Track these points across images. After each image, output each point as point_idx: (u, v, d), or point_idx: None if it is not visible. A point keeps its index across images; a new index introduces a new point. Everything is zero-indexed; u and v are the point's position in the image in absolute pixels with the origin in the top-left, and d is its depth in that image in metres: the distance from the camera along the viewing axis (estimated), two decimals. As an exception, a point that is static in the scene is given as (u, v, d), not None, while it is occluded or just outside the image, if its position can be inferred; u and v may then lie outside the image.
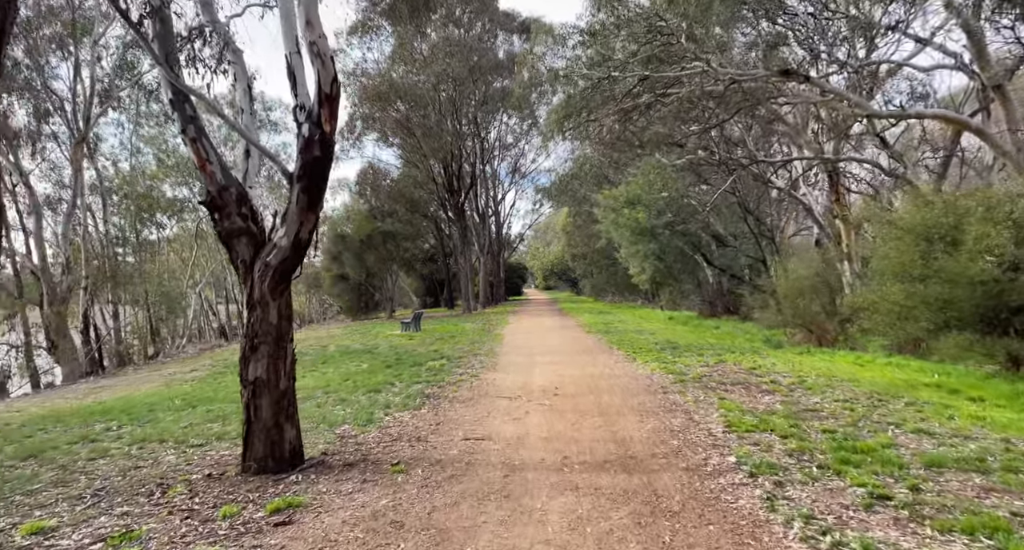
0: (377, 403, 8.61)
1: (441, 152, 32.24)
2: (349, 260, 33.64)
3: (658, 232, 19.02)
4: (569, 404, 7.92)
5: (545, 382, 9.79)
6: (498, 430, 6.66)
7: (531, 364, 12.01)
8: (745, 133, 19.55)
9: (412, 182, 35.38)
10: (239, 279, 5.73)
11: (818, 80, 12.69)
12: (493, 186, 50.07)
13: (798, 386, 8.13)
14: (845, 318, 11.74)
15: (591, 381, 9.62)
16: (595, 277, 46.92)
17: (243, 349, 5.54)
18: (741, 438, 5.66)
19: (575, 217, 42.80)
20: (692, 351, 12.43)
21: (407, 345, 16.79)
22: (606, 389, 8.84)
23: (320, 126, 5.40)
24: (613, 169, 26.00)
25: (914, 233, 9.16)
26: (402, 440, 6.44)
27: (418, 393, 9.25)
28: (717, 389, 8.28)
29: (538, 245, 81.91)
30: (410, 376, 10.96)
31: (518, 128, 44.67)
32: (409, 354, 14.38)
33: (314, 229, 5.61)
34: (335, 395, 9.43)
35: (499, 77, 35.95)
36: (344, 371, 12.04)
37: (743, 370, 9.78)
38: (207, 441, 6.84)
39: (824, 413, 6.50)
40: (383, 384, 10.21)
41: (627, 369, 10.75)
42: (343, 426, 7.27)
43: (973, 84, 18.12)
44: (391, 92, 31.91)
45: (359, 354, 15.03)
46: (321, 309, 47.04)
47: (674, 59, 14.16)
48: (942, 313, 8.58)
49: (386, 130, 34.90)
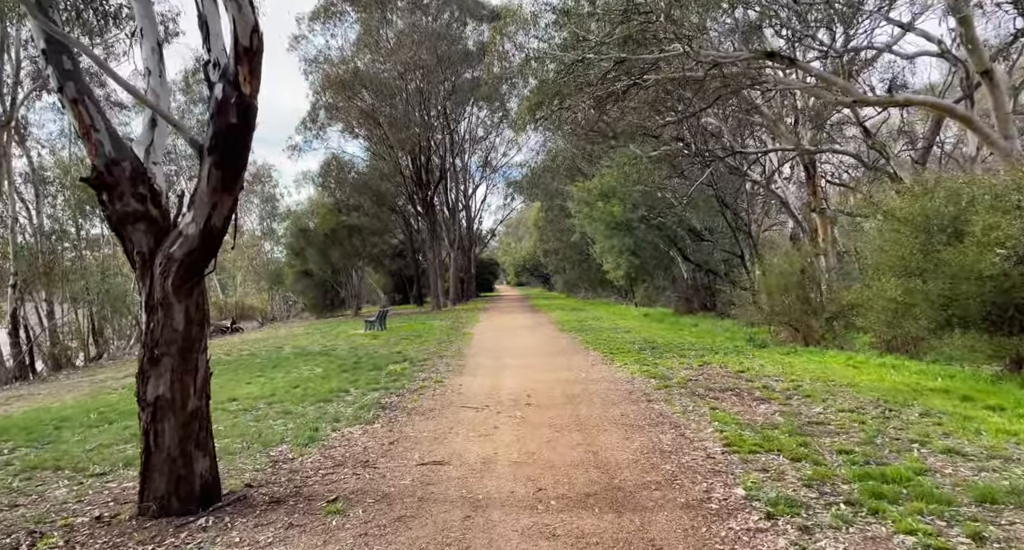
0: (325, 415, 7.59)
1: (409, 143, 31.04)
2: (313, 255, 32.23)
3: (633, 226, 18.25)
4: (543, 416, 7.01)
5: (516, 388, 8.87)
6: (461, 451, 5.71)
7: (501, 367, 11.08)
8: (723, 124, 18.89)
9: (379, 174, 34.07)
10: (136, 276, 4.65)
11: (803, 63, 12.02)
12: (464, 180, 48.95)
13: (794, 393, 7.35)
14: (832, 315, 11.08)
15: (567, 387, 8.73)
16: (567, 273, 46.20)
17: (140, 362, 4.48)
18: (745, 461, 4.81)
19: (547, 212, 41.96)
20: (673, 351, 11.65)
21: (369, 346, 15.71)
22: (584, 397, 7.96)
23: (237, 86, 4.35)
24: (586, 161, 25.18)
25: (912, 224, 8.48)
26: (346, 465, 5.44)
27: (373, 403, 8.25)
28: (706, 396, 7.46)
29: (510, 240, 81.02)
30: (367, 382, 9.94)
31: (489, 121, 43.63)
32: (370, 356, 13.32)
33: (231, 214, 4.56)
34: (279, 406, 8.37)
35: (469, 68, 34.84)
36: (295, 377, 10.94)
37: (731, 373, 9.00)
38: (112, 468, 5.74)
39: (832, 427, 5.70)
40: (336, 392, 9.17)
41: (605, 372, 9.89)
42: (280, 446, 6.23)
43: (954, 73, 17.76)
44: (355, 81, 30.56)
45: (315, 356, 13.91)
46: (285, 307, 45.35)
47: (652, 41, 13.33)
48: (944, 310, 7.90)
49: (351, 121, 33.51)
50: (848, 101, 13.23)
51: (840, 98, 14.10)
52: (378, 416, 7.47)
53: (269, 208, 43.57)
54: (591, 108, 13.63)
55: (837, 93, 14.39)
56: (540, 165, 32.97)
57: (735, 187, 19.85)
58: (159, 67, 5.37)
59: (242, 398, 9.03)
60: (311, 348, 15.98)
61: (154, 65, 5.34)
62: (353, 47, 32.47)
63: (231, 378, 11.29)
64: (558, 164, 27.86)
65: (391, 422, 7.13)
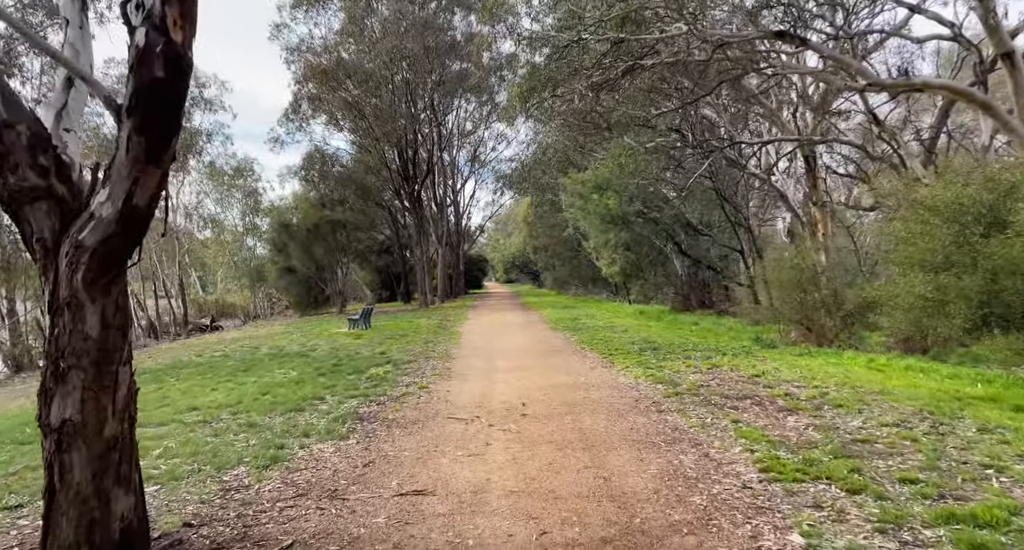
0: (294, 429, 6.70)
1: (395, 135, 30.01)
2: (295, 251, 31.15)
3: (630, 220, 17.45)
4: (541, 429, 6.16)
5: (510, 395, 8.01)
6: (448, 475, 4.85)
7: (492, 370, 10.22)
8: (722, 113, 18.13)
9: (364, 168, 32.99)
10: (38, 267, 3.72)
11: (816, 44, 11.24)
12: (452, 175, 47.97)
13: (823, 402, 6.56)
14: (848, 314, 10.33)
15: (566, 394, 7.89)
16: (558, 269, 45.43)
17: (43, 377, 3.57)
18: (791, 493, 3.99)
19: (537, 207, 41.12)
20: (676, 352, 10.84)
21: (351, 346, 14.78)
22: (586, 406, 7.12)
23: (165, 31, 3.43)
24: (579, 154, 24.34)
25: (944, 214, 7.71)
26: (310, 496, 4.56)
27: (350, 413, 7.36)
28: (723, 406, 6.65)
29: (499, 237, 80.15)
30: (345, 388, 9.04)
31: (477, 114, 42.69)
32: (351, 358, 12.40)
33: (158, 192, 3.65)
34: (244, 417, 7.46)
35: (457, 59, 33.84)
36: (267, 382, 10.00)
37: (744, 378, 8.21)
38: (32, 498, 4.82)
39: (880, 446, 4.90)
40: (310, 400, 8.28)
41: (606, 376, 9.07)
42: (236, 469, 5.34)
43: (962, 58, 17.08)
44: (339, 71, 29.47)
45: (292, 358, 12.97)
46: (268, 304, 44.17)
47: (652, 21, 12.50)
48: (982, 308, 7.14)
49: (335, 112, 32.38)
50: (861, 85, 12.47)
51: (850, 83, 13.35)
52: (354, 429, 6.59)
53: (251, 203, 42.34)
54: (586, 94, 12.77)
55: (846, 79, 13.65)
56: (531, 158, 32.09)
57: (734, 180, 19.11)
58: (80, 16, 4.44)
59: (204, 407, 8.10)
60: (289, 349, 15.03)
61: (73, 14, 4.41)
62: (337, 36, 31.35)
63: (197, 383, 10.33)
64: (549, 157, 26.99)
65: (368, 437, 6.25)
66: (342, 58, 30.34)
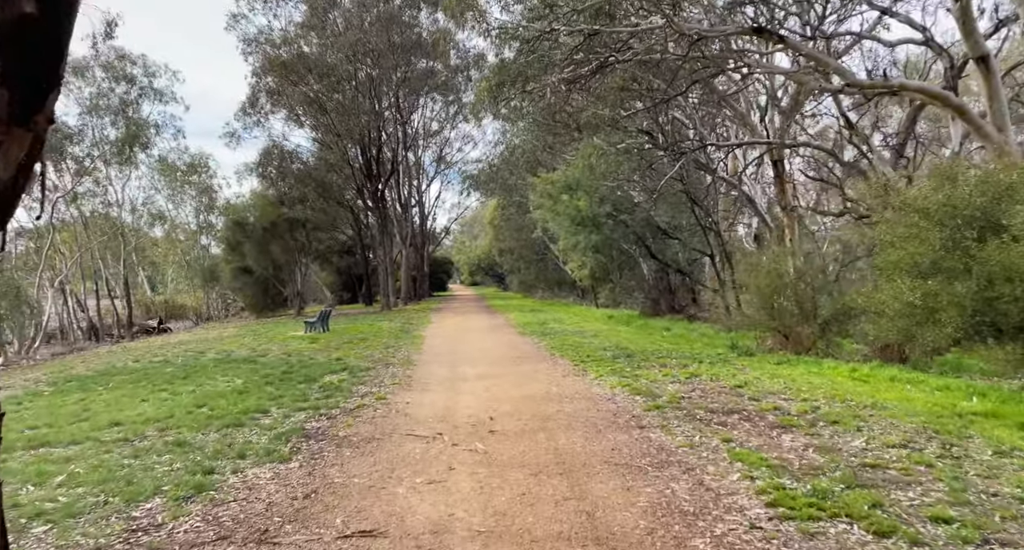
0: (230, 448, 5.88)
1: (357, 132, 28.96)
2: (251, 250, 29.75)
3: (601, 222, 16.95)
4: (512, 449, 5.48)
5: (476, 407, 7.31)
6: (403, 510, 4.13)
7: (457, 378, 9.50)
8: (693, 114, 17.81)
9: (325, 165, 31.80)
10: None
11: (793, 41, 10.91)
12: (417, 175, 46.99)
13: (817, 417, 6.05)
14: (826, 321, 9.96)
15: (537, 406, 7.23)
16: (523, 272, 44.88)
17: None
18: (808, 535, 3.40)
19: (504, 209, 40.50)
20: (651, 360, 10.30)
21: (306, 351, 13.85)
22: (560, 421, 6.47)
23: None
24: (548, 154, 23.80)
25: (934, 217, 7.34)
26: (234, 538, 3.79)
27: (296, 429, 6.56)
28: (710, 422, 6.08)
29: (464, 239, 79.31)
30: (294, 399, 8.20)
31: (443, 113, 41.85)
32: (303, 364, 11.51)
33: (30, 164, 2.84)
34: (173, 434, 6.57)
35: (423, 57, 32.94)
36: (206, 391, 9.07)
37: (727, 389, 7.68)
38: None
39: (893, 472, 4.37)
40: (252, 413, 7.42)
41: (579, 386, 8.44)
42: (151, 501, 4.52)
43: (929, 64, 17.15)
44: (300, 64, 28.31)
45: (239, 364, 11.99)
46: (223, 305, 42.38)
47: (627, 14, 12.00)
48: (975, 316, 6.77)
49: (295, 107, 31.15)
50: (837, 87, 12.20)
51: (825, 84, 13.11)
52: (298, 450, 5.80)
53: (206, 200, 40.57)
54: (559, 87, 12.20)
55: (820, 80, 13.41)
56: (499, 156, 31.42)
57: (705, 184, 18.83)
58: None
59: (128, 422, 7.17)
60: (237, 353, 14.00)
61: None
62: (298, 29, 30.17)
63: (127, 393, 9.32)
64: (518, 157, 26.39)
65: (313, 459, 5.47)
66: (303, 51, 29.21)
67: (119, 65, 27.98)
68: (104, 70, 27.75)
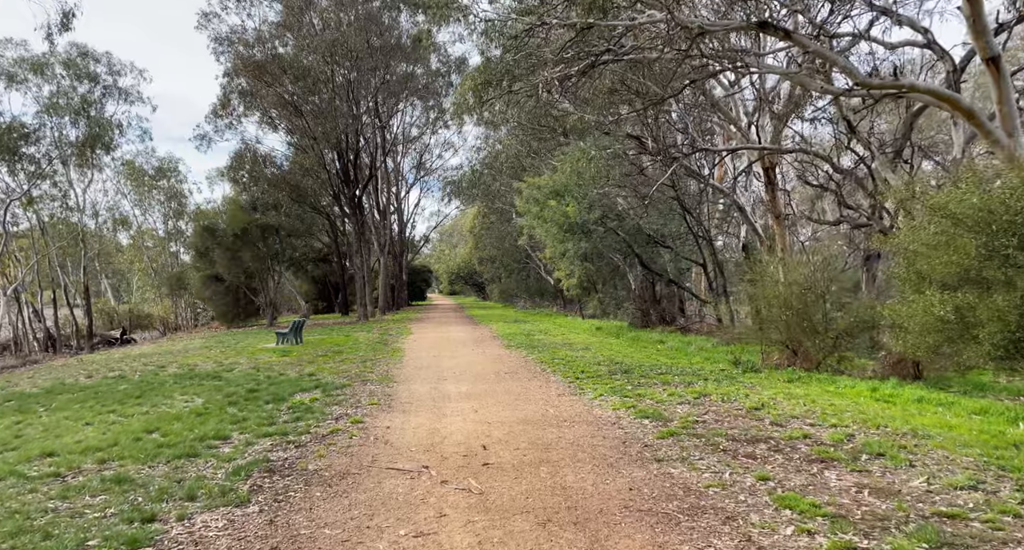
0: (178, 486, 5.00)
1: (334, 135, 27.96)
2: (221, 258, 28.46)
3: (590, 229, 16.23)
4: (512, 488, 4.67)
5: (466, 433, 6.48)
6: (385, 578, 3.29)
7: (441, 397, 8.65)
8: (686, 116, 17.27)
9: (301, 170, 30.69)
10: None
11: (800, 37, 10.37)
12: (396, 181, 46.05)
13: (858, 448, 5.34)
14: (837, 335, 9.33)
15: (535, 431, 6.42)
16: (504, 281, 44.13)
17: None
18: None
19: (485, 216, 39.73)
20: (651, 377, 9.56)
21: (276, 365, 12.86)
22: (563, 450, 5.67)
23: None
24: (533, 159, 23.11)
25: (968, 223, 6.73)
26: (165, 627, 2.91)
27: (259, 461, 5.67)
28: (736, 453, 5.34)
29: (444, 248, 78.33)
30: (259, 422, 7.28)
31: (423, 119, 41.04)
32: (272, 381, 10.55)
33: None
34: (115, 467, 5.65)
35: (403, 61, 32.11)
36: (161, 413, 8.08)
37: (743, 412, 6.96)
38: None
39: (978, 525, 3.65)
40: (211, 439, 6.51)
41: (578, 407, 7.66)
42: (69, 565, 3.61)
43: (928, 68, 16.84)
44: (275, 65, 27.27)
45: (202, 380, 10.97)
46: (192, 315, 40.77)
47: (623, 7, 11.37)
48: (1018, 332, 6.14)
49: (269, 110, 30.05)
50: (840, 90, 11.69)
51: (826, 86, 12.61)
52: (259, 488, 4.92)
53: (175, 206, 39.05)
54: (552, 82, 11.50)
55: (821, 81, 12.92)
56: (482, 160, 30.65)
57: (697, 191, 18.29)
58: None
59: (64, 452, 6.20)
60: (202, 368, 12.95)
61: None
62: (273, 28, 29.13)
63: (71, 414, 8.29)
64: (501, 162, 25.65)
65: (277, 502, 4.60)
66: (278, 52, 28.18)
67: (81, 63, 26.64)
68: (65, 67, 26.39)
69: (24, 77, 25.24)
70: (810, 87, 12.66)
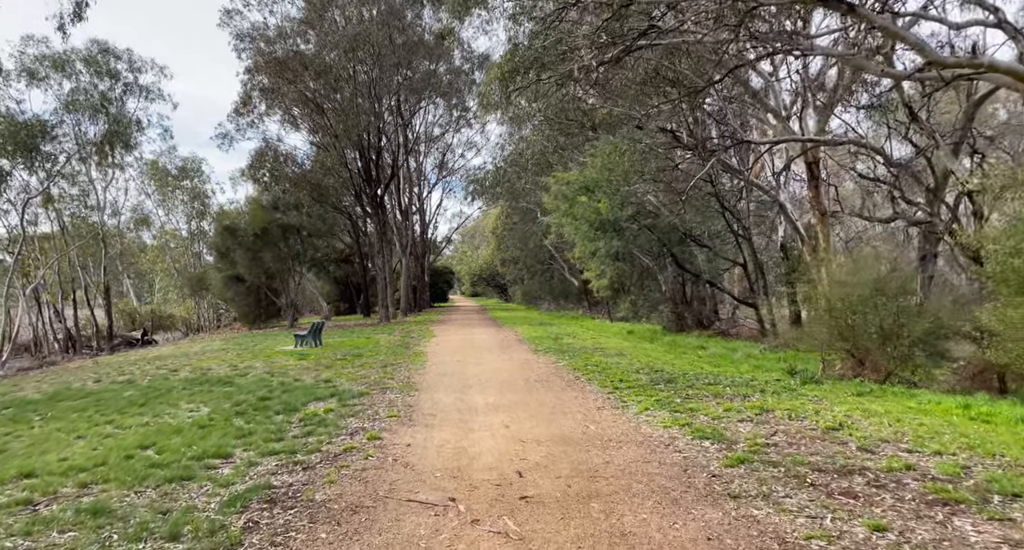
0: (163, 519, 4.25)
1: (355, 132, 27.38)
2: (241, 258, 28.04)
3: (623, 226, 15.27)
4: (559, 534, 3.80)
5: (497, 455, 5.63)
6: None
7: (468, 409, 7.81)
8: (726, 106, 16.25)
9: (322, 169, 30.19)
10: None
11: (865, 10, 9.35)
12: (418, 182, 45.46)
13: (979, 484, 4.37)
14: (912, 342, 8.28)
15: (577, 454, 5.54)
16: (527, 283, 43.23)
17: None
18: None
19: (508, 217, 38.89)
20: (700, 387, 8.60)
21: (292, 369, 12.16)
22: (614, 479, 4.79)
23: None
24: (559, 155, 22.19)
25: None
26: None
27: (260, 486, 4.89)
28: (830, 489, 4.40)
29: (466, 249, 77.73)
30: (266, 437, 6.51)
31: (446, 118, 40.40)
32: (286, 387, 9.81)
33: None
34: (96, 492, 4.93)
35: (425, 58, 31.47)
36: (161, 424, 7.37)
37: (819, 432, 5.99)
38: None
39: None
40: (210, 458, 5.77)
41: (623, 424, 6.75)
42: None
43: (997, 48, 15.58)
44: (296, 61, 26.80)
45: (212, 387, 10.29)
46: (215, 316, 40.60)
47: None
48: None
49: (291, 108, 29.61)
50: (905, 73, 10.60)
51: (888, 69, 11.51)
52: (255, 526, 4.13)
53: (198, 206, 38.91)
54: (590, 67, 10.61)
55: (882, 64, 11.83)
56: (506, 158, 29.81)
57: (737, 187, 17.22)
58: None
59: (44, 473, 5.49)
60: (215, 372, 12.30)
61: None
62: (295, 25, 28.71)
63: (64, 426, 7.63)
64: (526, 159, 24.78)
65: (274, 546, 3.79)
66: (300, 48, 27.74)
67: (102, 59, 26.43)
68: (86, 64, 26.19)
69: (45, 74, 25.10)
70: (869, 70, 11.59)
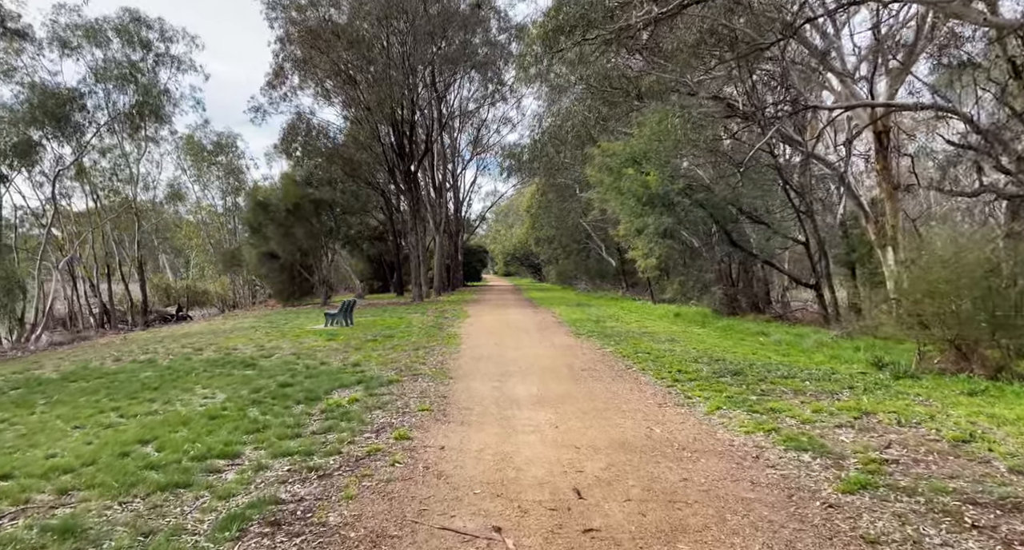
0: (141, 547, 3.40)
1: (388, 105, 26.45)
2: (274, 234, 27.61)
3: (674, 201, 14.00)
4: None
5: (547, 465, 4.68)
6: None
7: (508, 402, 6.87)
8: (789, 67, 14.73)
9: (355, 143, 29.43)
10: None
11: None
12: (452, 158, 44.46)
13: None
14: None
15: (647, 468, 4.55)
16: (562, 263, 42.07)
17: None
18: None
19: (544, 194, 37.62)
20: (774, 381, 7.48)
21: (320, 351, 11.44)
22: (701, 506, 3.79)
23: None
24: (601, 126, 20.85)
25: None
26: None
27: (264, 500, 4.06)
28: (1002, 535, 3.32)
29: (499, 228, 76.71)
30: (280, 434, 5.70)
31: (481, 92, 39.12)
32: (310, 372, 9.05)
33: None
34: (76, 500, 4.18)
35: (460, 30, 30.23)
36: (169, 413, 6.64)
37: (946, 445, 4.87)
38: None
39: None
40: (214, 457, 5.00)
41: (691, 425, 5.72)
42: None
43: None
44: (328, 31, 25.91)
45: (234, 368, 9.60)
46: (250, 293, 40.63)
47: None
48: None
49: (324, 80, 28.81)
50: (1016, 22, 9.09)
51: (991, 18, 9.98)
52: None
53: (233, 182, 38.70)
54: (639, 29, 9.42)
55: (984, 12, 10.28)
56: (545, 130, 28.51)
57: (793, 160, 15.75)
58: None
59: (23, 474, 4.77)
60: (239, 353, 11.65)
61: None
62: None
63: (65, 413, 6.97)
64: (566, 131, 23.48)
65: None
66: (332, 16, 26.83)
67: (133, 28, 25.96)
68: (117, 33, 25.74)
69: (78, 43, 24.77)
70: (968, 18, 10.04)
